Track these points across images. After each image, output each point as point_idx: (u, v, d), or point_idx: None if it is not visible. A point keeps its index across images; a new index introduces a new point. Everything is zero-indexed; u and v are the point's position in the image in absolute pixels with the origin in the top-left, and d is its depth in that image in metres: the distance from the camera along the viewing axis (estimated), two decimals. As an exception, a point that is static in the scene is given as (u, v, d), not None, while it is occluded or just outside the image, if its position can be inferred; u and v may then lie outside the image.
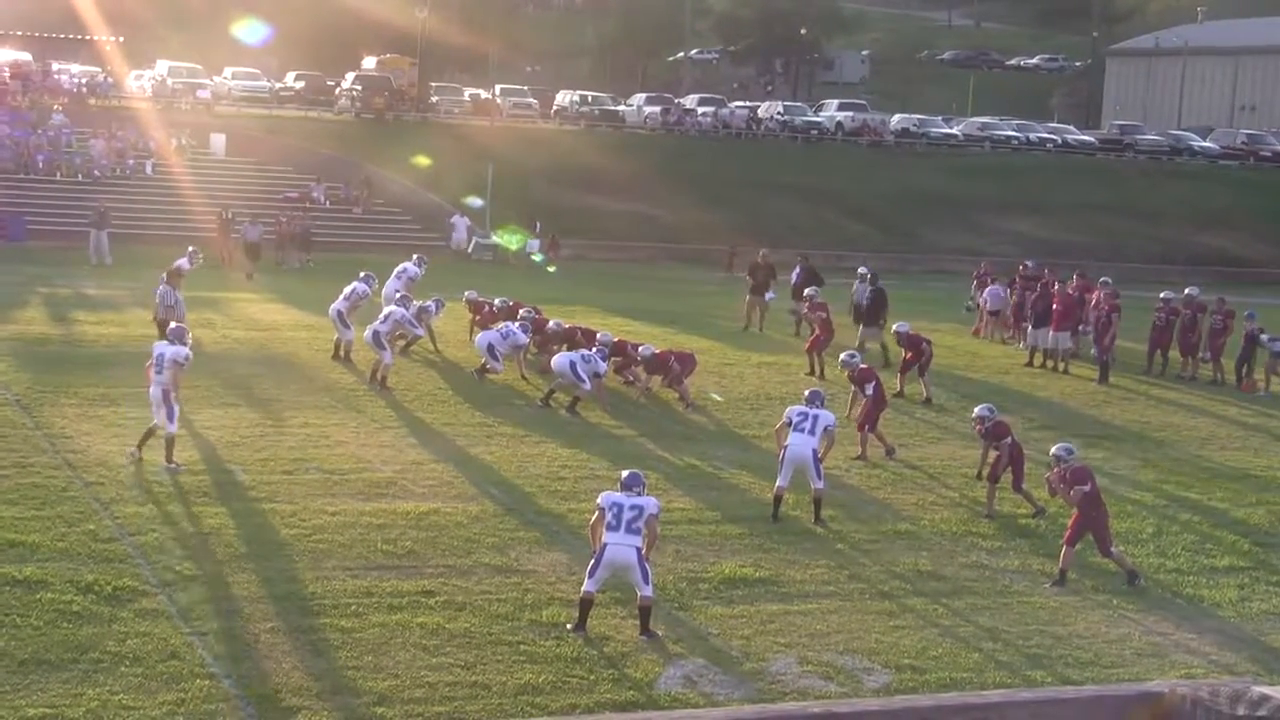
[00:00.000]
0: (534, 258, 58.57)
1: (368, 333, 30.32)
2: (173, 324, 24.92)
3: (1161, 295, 37.76)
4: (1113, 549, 19.97)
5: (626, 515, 16.68)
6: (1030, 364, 36.88)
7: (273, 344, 34.00)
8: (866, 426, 26.24)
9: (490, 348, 30.70)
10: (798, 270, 40.76)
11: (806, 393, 23.02)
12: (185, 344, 23.09)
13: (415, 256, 37.70)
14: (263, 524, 19.90)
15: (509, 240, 60.37)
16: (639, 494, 16.99)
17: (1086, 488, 19.84)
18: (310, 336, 34.49)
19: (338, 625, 16.46)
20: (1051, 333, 36.85)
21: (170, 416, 22.28)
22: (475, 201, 63.25)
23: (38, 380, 27.83)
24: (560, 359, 28.93)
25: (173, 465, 22.07)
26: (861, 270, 39.30)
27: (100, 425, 24.56)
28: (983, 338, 41.29)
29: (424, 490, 22.05)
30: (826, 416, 22.12)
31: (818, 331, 33.85)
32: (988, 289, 41.98)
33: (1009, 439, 23.34)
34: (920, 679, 16.11)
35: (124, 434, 23.79)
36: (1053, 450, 20.52)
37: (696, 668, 16.05)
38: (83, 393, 26.93)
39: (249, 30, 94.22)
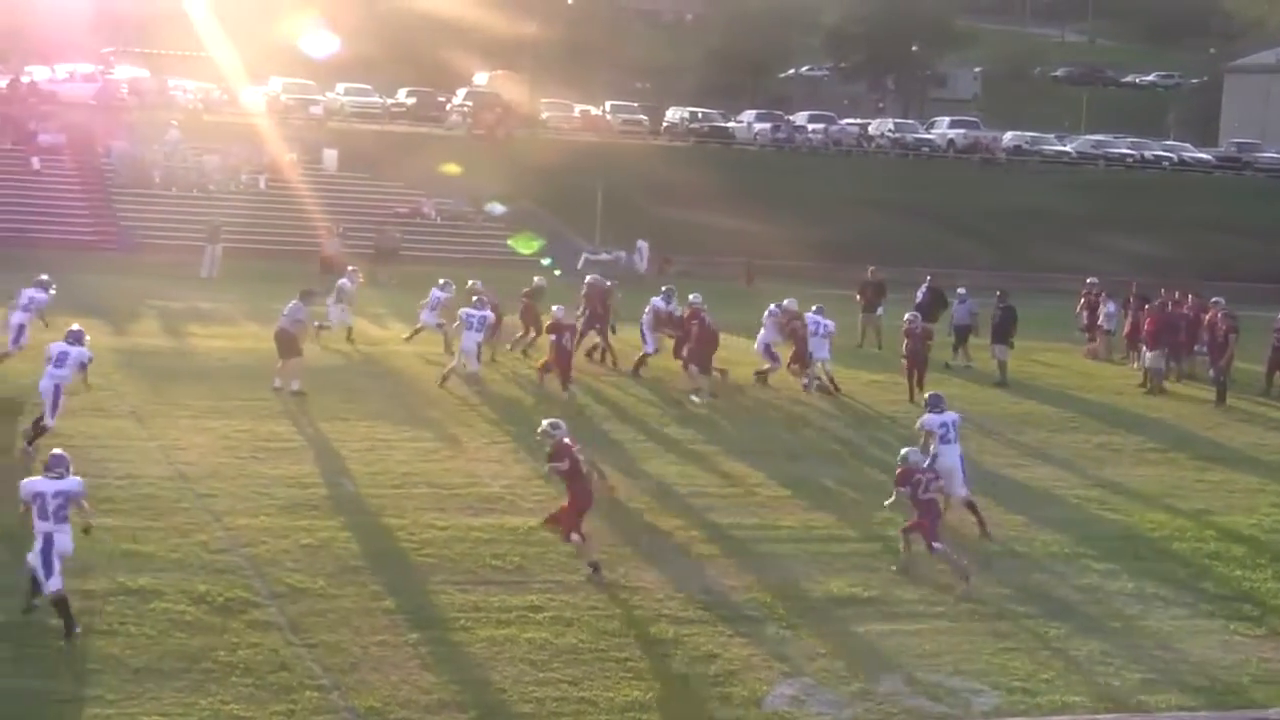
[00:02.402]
0: (544, 262, 58.70)
1: (468, 343, 31.00)
2: (74, 325, 25.01)
3: (1279, 316, 37.24)
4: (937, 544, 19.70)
5: (51, 505, 15.98)
6: (1143, 385, 36.37)
7: (381, 358, 34.22)
8: None
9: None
10: (924, 290, 40.26)
11: (928, 396, 23.42)
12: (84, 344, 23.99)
13: (441, 281, 36.59)
14: (372, 537, 20.02)
15: (524, 247, 60.41)
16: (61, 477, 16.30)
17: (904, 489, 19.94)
18: (419, 350, 34.68)
19: (446, 639, 16.54)
20: (1146, 351, 36.36)
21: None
22: (496, 208, 63.47)
23: (152, 392, 28.18)
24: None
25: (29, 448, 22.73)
26: (960, 290, 38.94)
27: (213, 437, 24.81)
28: (1100, 359, 40.77)
29: (532, 506, 22.06)
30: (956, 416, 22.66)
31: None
32: (1105, 308, 41.49)
33: None
34: (1031, 702, 15.95)
35: (235, 446, 24.04)
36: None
37: (804, 687, 15.97)
38: (195, 405, 27.22)
39: (316, 43, 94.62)
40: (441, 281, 35.39)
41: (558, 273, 36.72)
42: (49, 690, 14.56)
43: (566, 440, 19.32)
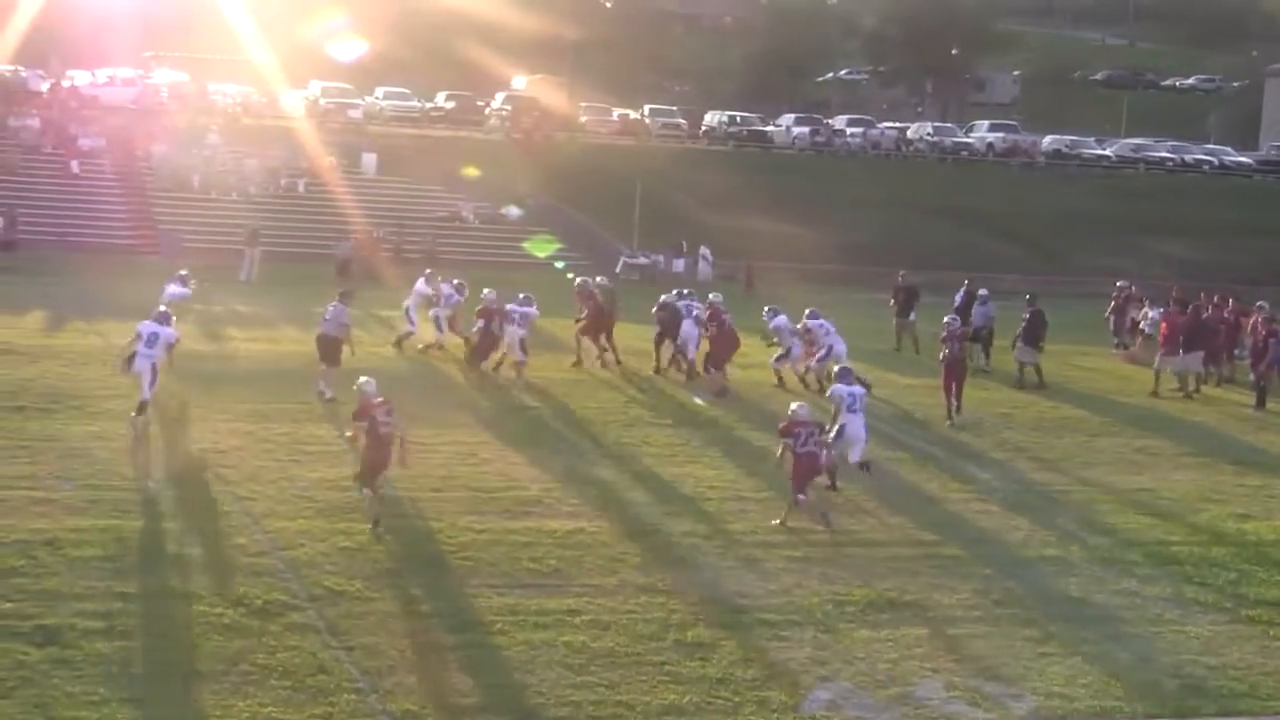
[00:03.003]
0: (556, 265, 58.82)
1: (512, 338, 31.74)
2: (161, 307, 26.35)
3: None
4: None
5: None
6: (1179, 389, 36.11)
7: (420, 362, 34.29)
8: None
9: None
10: (962, 293, 40.11)
11: (838, 370, 25.32)
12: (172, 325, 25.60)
13: (456, 281, 36.28)
14: (410, 541, 20.07)
15: (540, 250, 60.54)
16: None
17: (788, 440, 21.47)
18: (458, 354, 34.75)
19: (483, 642, 16.58)
20: (1182, 355, 36.19)
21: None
22: (513, 211, 63.59)
23: (192, 396, 28.28)
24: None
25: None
26: (982, 292, 38.60)
27: (251, 440, 24.90)
28: (1139, 363, 40.53)
29: (570, 509, 22.11)
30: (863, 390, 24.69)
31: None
32: (1148, 312, 41.31)
33: None
34: (1069, 707, 15.91)
35: (274, 449, 24.14)
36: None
37: (842, 691, 15.95)
38: (236, 408, 27.32)
39: (344, 47, 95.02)
40: (456, 282, 35.60)
41: (570, 275, 36.91)
42: (87, 693, 14.61)
43: (376, 400, 20.84)
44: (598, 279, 37.51)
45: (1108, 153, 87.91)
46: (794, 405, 22.34)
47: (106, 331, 34.81)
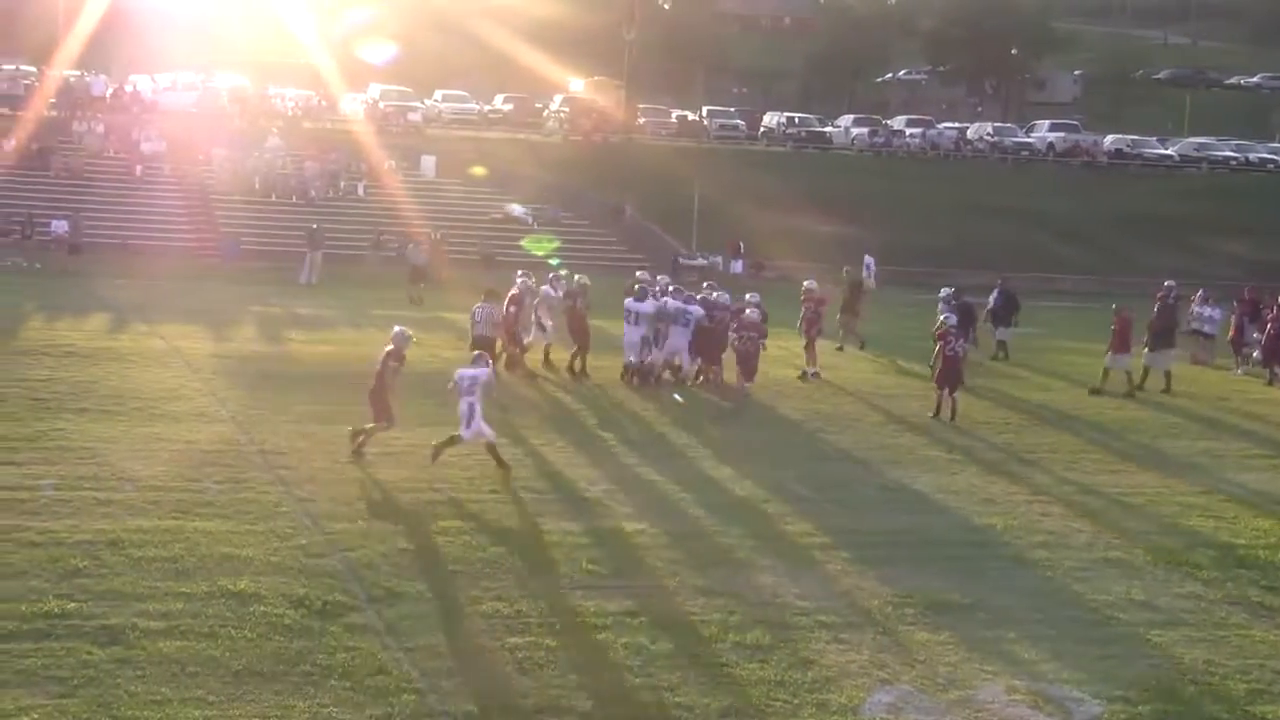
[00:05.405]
0: (551, 263, 58.70)
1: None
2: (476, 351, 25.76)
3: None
4: None
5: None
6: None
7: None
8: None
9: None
10: (996, 293, 40.01)
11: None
12: (487, 365, 24.53)
13: (550, 276, 36.73)
14: (469, 542, 20.08)
15: (537, 248, 60.48)
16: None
17: None
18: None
19: (542, 644, 16.56)
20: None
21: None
22: (515, 209, 63.62)
23: (252, 398, 28.45)
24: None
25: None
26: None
27: (313, 443, 24.97)
28: (1202, 363, 40.21)
29: (628, 510, 22.09)
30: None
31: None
32: (1208, 311, 40.98)
33: None
34: (1132, 711, 15.76)
35: (334, 450, 24.21)
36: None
37: (902, 694, 15.87)
38: (295, 410, 27.45)
39: (376, 51, 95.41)
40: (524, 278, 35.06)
41: (564, 273, 36.88)
42: (150, 692, 14.69)
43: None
44: (576, 277, 36.63)
45: (1170, 152, 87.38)
46: (942, 314, 23.36)
47: (168, 334, 35.08)
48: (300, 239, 52.39)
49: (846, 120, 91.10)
